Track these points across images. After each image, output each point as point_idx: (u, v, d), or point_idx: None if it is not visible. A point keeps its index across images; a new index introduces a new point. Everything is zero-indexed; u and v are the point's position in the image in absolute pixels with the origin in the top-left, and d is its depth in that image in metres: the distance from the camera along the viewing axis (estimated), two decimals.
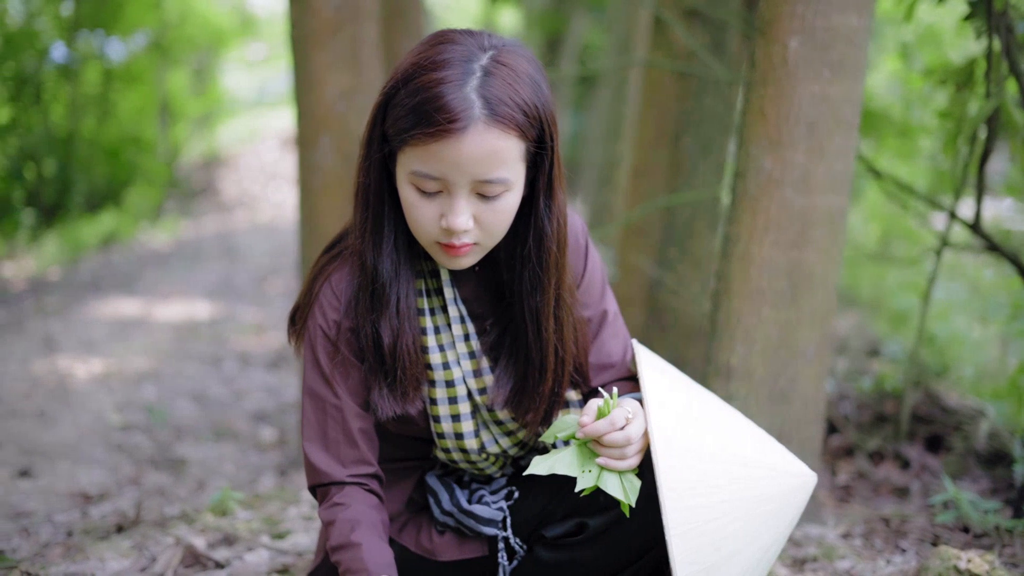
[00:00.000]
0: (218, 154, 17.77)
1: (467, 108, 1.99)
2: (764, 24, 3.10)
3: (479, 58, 2.04)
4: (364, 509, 2.26)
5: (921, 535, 3.27)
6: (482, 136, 2.00)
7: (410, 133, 2.02)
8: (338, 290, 2.27)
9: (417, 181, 2.06)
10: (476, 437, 2.32)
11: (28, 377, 6.34)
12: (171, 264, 11.40)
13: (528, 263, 2.22)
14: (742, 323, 3.16)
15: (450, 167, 2.02)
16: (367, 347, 2.24)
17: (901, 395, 4.30)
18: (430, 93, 2.00)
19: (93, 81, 13.86)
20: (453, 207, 2.06)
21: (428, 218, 2.09)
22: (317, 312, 2.28)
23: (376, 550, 2.21)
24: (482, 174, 2.03)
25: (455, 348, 2.29)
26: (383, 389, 2.24)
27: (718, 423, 2.18)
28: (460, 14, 19.99)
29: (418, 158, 2.03)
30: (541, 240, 2.20)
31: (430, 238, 2.12)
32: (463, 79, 2.01)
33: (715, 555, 2.01)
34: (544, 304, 2.24)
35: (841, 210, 3.15)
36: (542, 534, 2.31)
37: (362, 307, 2.22)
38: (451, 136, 1.99)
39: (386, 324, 2.21)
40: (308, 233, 4.60)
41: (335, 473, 2.28)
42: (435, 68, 2.02)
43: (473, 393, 2.30)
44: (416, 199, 2.08)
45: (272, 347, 7.67)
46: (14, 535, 3.75)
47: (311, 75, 4.45)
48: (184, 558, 3.11)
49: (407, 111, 2.02)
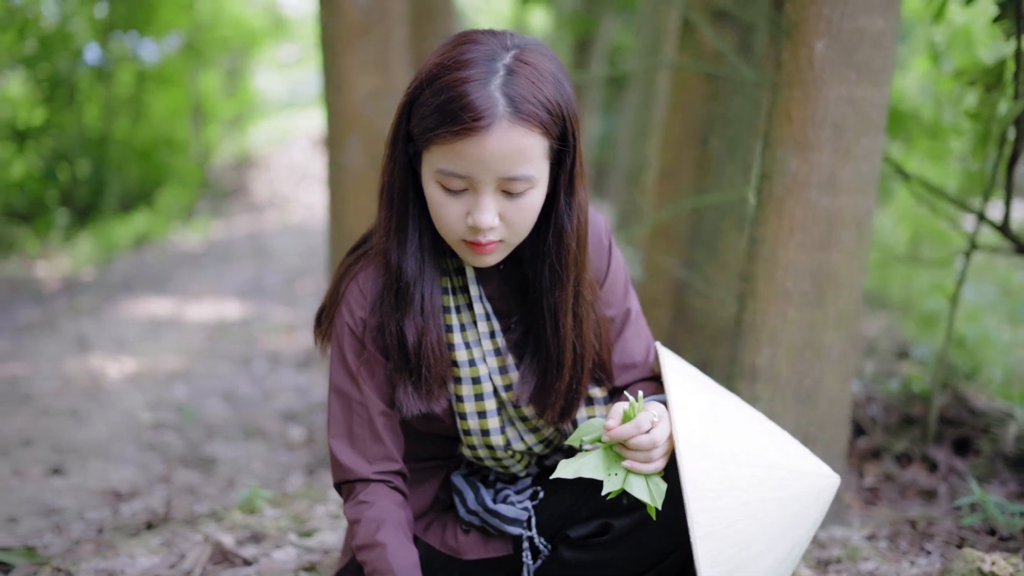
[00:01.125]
0: (249, 155, 17.86)
1: (492, 106, 2.02)
2: (790, 26, 3.10)
3: (502, 57, 2.07)
4: (389, 507, 2.29)
5: (947, 537, 3.27)
6: (506, 134, 2.03)
7: (435, 132, 2.04)
8: (364, 288, 2.29)
9: (443, 179, 2.08)
10: (502, 434, 2.34)
11: (61, 376, 6.40)
12: (202, 264, 11.47)
13: (547, 259, 2.24)
14: (767, 324, 3.16)
15: (475, 165, 2.04)
16: (391, 345, 2.26)
17: (929, 397, 4.29)
18: (455, 92, 2.02)
19: (126, 82, 13.97)
20: (479, 204, 2.08)
21: (454, 216, 2.11)
22: (344, 310, 2.30)
23: (401, 550, 2.23)
24: (507, 171, 2.06)
25: (480, 345, 2.31)
26: (408, 387, 2.27)
27: (741, 425, 2.19)
28: (491, 15, 20.02)
29: (444, 156, 2.06)
30: (560, 236, 2.22)
31: (456, 236, 2.14)
32: (487, 78, 2.04)
33: (739, 556, 2.02)
34: (562, 300, 2.26)
35: (867, 211, 3.16)
36: (567, 534, 2.33)
37: (387, 306, 2.25)
38: (476, 134, 2.02)
39: (410, 322, 2.23)
40: (337, 233, 4.64)
41: (360, 470, 2.31)
42: (459, 67, 2.04)
43: (499, 390, 2.32)
44: (442, 197, 2.10)
45: (302, 347, 7.70)
46: (46, 532, 3.79)
47: (340, 76, 4.49)
48: (212, 555, 3.14)
49: (432, 110, 2.05)
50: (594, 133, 13.27)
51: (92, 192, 13.21)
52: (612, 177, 9.92)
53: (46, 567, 3.11)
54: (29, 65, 12.16)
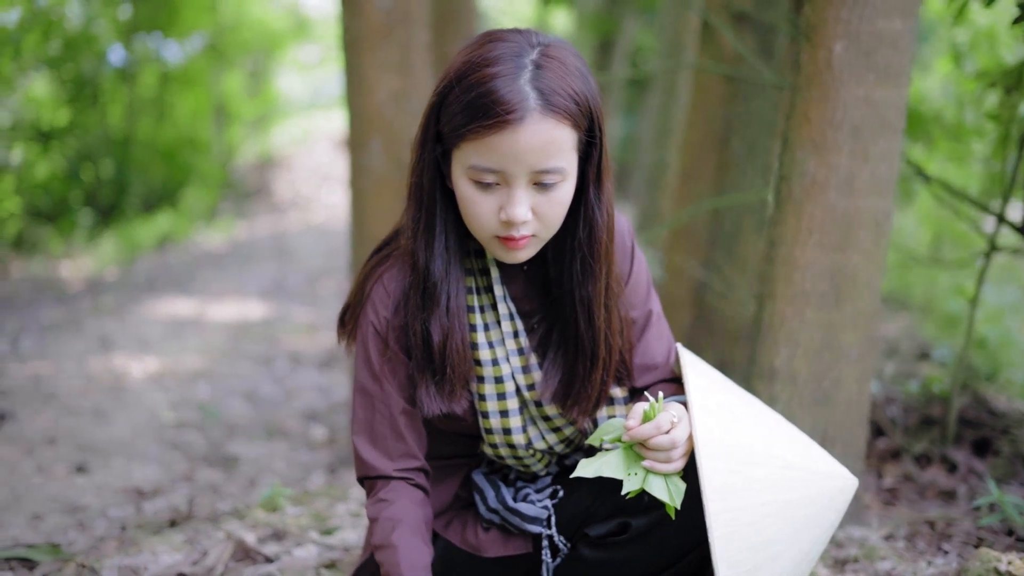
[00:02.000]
0: (272, 156, 17.93)
1: (523, 99, 2.04)
2: (809, 29, 3.12)
3: (529, 53, 2.10)
4: (407, 506, 2.31)
5: (965, 538, 3.28)
6: (538, 126, 2.05)
7: (468, 128, 2.07)
8: (389, 288, 2.32)
9: (475, 175, 2.10)
10: (524, 432, 2.37)
11: (84, 375, 6.45)
12: (225, 264, 11.53)
13: (579, 252, 2.26)
14: (786, 325, 3.18)
15: (508, 158, 2.07)
16: (416, 344, 2.28)
17: (948, 398, 4.30)
18: (485, 87, 2.05)
19: (150, 83, 14.04)
20: (512, 198, 2.10)
21: (487, 212, 2.13)
22: (369, 310, 2.33)
23: (414, 552, 2.25)
24: (539, 164, 2.08)
25: (504, 345, 2.34)
26: (430, 387, 2.29)
27: (760, 427, 2.20)
28: (513, 17, 20.04)
29: (476, 152, 2.08)
30: (592, 229, 2.25)
31: (488, 232, 2.16)
32: (516, 73, 2.06)
33: (757, 557, 2.04)
34: (596, 293, 2.28)
35: (885, 213, 3.16)
36: (586, 533, 2.35)
37: (412, 305, 2.27)
38: (508, 127, 2.04)
39: (436, 322, 2.25)
40: (358, 234, 4.67)
41: (382, 467, 2.34)
42: (488, 64, 2.07)
43: (522, 389, 2.35)
44: (474, 193, 2.13)
45: (323, 347, 7.74)
46: (70, 529, 3.84)
47: (362, 78, 4.51)
48: (235, 552, 3.17)
49: (463, 107, 2.07)
50: (616, 134, 13.29)
51: (115, 192, 13.28)
52: (633, 178, 9.94)
53: (71, 564, 3.14)
54: (53, 66, 12.22)
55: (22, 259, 11.10)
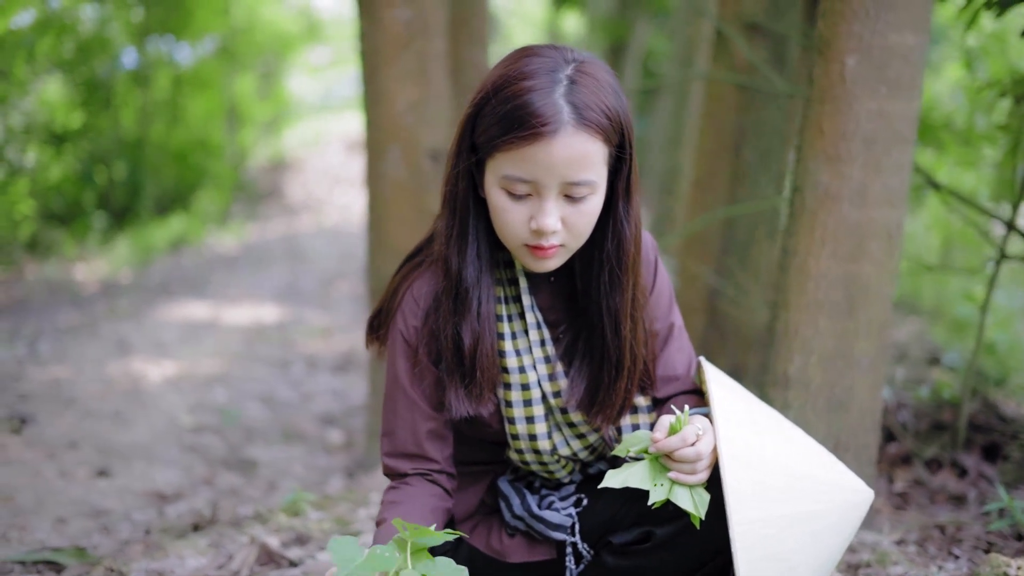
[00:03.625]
0: (284, 158, 17.96)
1: (557, 113, 2.10)
2: (822, 43, 3.17)
3: (564, 68, 2.16)
4: (413, 492, 2.37)
5: (975, 542, 3.31)
6: (571, 139, 2.11)
7: (502, 139, 2.13)
8: (419, 296, 2.38)
9: (508, 185, 2.17)
10: (549, 439, 2.42)
11: (102, 378, 6.50)
12: (238, 267, 11.57)
13: (607, 264, 2.32)
14: (800, 334, 3.23)
15: (541, 169, 2.13)
16: (446, 348, 2.33)
17: (959, 404, 4.33)
18: (521, 100, 2.11)
19: (162, 86, 14.07)
20: (543, 208, 2.16)
21: (518, 221, 2.19)
22: (399, 318, 2.39)
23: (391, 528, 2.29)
24: (571, 176, 2.14)
25: (531, 353, 2.39)
26: (459, 390, 2.34)
27: (782, 439, 2.25)
28: (524, 19, 20.09)
29: (510, 162, 2.15)
30: (620, 242, 2.31)
31: (519, 241, 2.22)
32: (551, 87, 2.13)
33: (777, 567, 2.08)
34: (623, 303, 2.34)
35: (897, 224, 3.21)
36: (609, 540, 2.39)
37: (444, 310, 2.32)
38: (543, 139, 2.10)
39: (467, 327, 2.31)
40: (376, 240, 4.72)
41: (400, 467, 2.41)
42: (524, 78, 2.13)
43: (547, 396, 2.40)
44: (506, 203, 2.19)
45: (339, 350, 7.79)
46: (94, 532, 3.89)
47: (380, 87, 4.56)
48: (259, 556, 3.22)
49: (498, 118, 2.14)
50: None
51: (128, 195, 13.32)
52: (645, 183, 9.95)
53: (99, 567, 3.20)
54: (67, 69, 12.27)
55: (36, 261, 11.14)
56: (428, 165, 4.60)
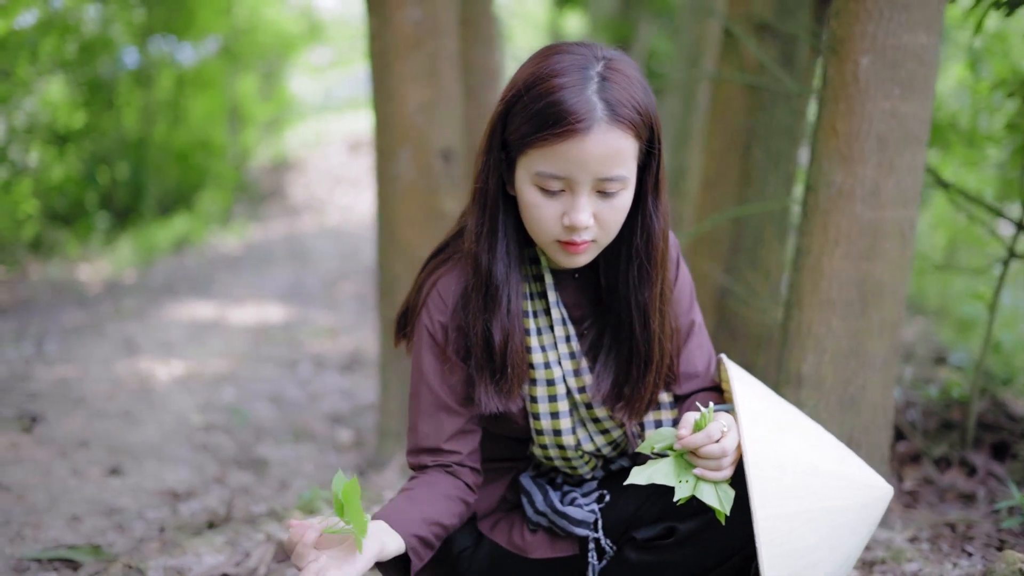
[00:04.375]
0: (285, 158, 17.97)
1: (591, 109, 2.13)
2: (836, 43, 3.18)
3: (594, 65, 2.19)
4: (428, 481, 2.39)
5: (986, 540, 3.33)
6: (605, 135, 2.14)
7: (536, 136, 2.16)
8: (445, 293, 2.40)
9: (541, 181, 2.19)
10: (573, 434, 2.44)
11: (111, 378, 6.51)
12: (242, 267, 11.59)
13: (636, 259, 2.35)
14: (813, 333, 3.25)
15: (575, 166, 2.15)
16: (476, 345, 2.35)
17: (968, 403, 4.35)
18: (554, 97, 2.14)
19: (165, 86, 14.08)
20: (576, 204, 2.19)
21: (550, 217, 2.22)
22: (424, 315, 2.41)
23: (392, 506, 2.31)
24: (604, 172, 2.17)
25: (556, 349, 2.41)
26: (489, 386, 2.36)
27: (803, 436, 2.27)
28: (526, 20, 20.09)
29: (543, 159, 2.17)
30: (650, 237, 2.34)
31: (550, 237, 2.25)
32: (584, 84, 2.15)
33: (800, 562, 2.11)
34: (652, 298, 2.37)
35: (910, 223, 3.23)
36: (632, 536, 2.41)
37: (474, 307, 2.34)
38: (577, 136, 2.13)
39: (498, 324, 2.33)
40: (387, 241, 4.73)
41: (422, 460, 2.43)
42: (556, 75, 2.16)
43: (572, 391, 2.42)
44: (539, 199, 2.21)
45: (345, 350, 7.81)
46: (108, 530, 3.91)
47: (391, 87, 4.57)
48: (276, 553, 3.24)
49: (531, 116, 2.16)
50: None
51: (131, 195, 13.33)
52: None
53: (117, 564, 3.22)
54: (69, 69, 12.28)
55: (40, 261, 11.16)
56: (439, 165, 4.62)
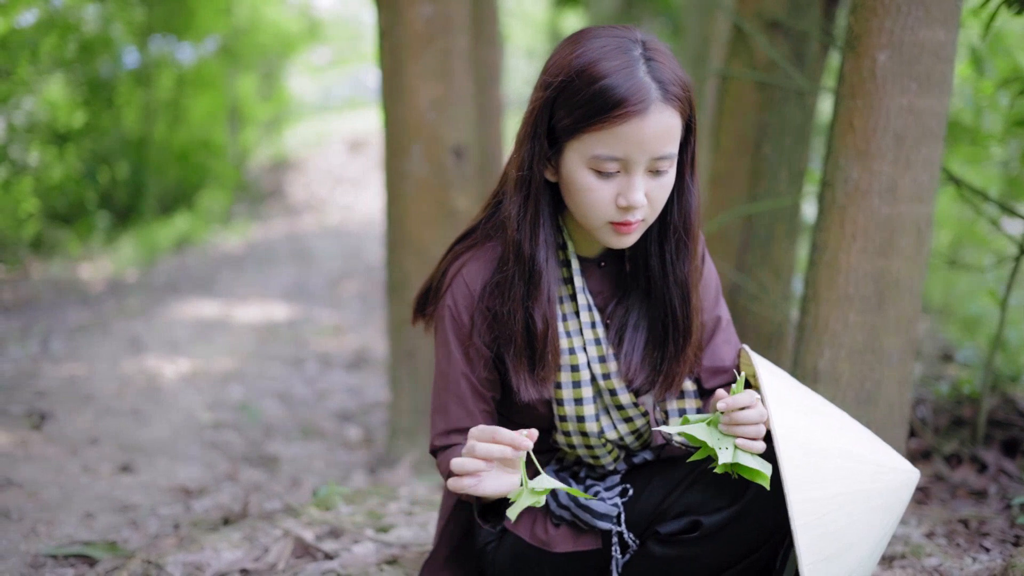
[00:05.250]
0: (285, 158, 17.97)
1: (647, 91, 2.17)
2: (853, 38, 3.19)
3: (635, 48, 2.22)
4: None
5: (1001, 536, 3.34)
6: (660, 115, 2.18)
7: (593, 120, 2.18)
8: (471, 279, 2.41)
9: (598, 164, 2.21)
10: (596, 421, 2.44)
11: (118, 376, 6.51)
12: (245, 266, 11.59)
13: (676, 235, 2.39)
14: (829, 328, 3.25)
15: (633, 147, 2.18)
16: (517, 332, 2.36)
17: (978, 399, 4.35)
18: (609, 81, 2.16)
19: (165, 86, 14.08)
20: (632, 184, 2.22)
21: (605, 200, 2.23)
22: (449, 299, 2.43)
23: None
24: (658, 151, 2.20)
25: (582, 335, 2.42)
26: (526, 374, 2.38)
27: (830, 421, 2.29)
28: (524, 20, 20.10)
29: (600, 142, 2.19)
30: (688, 211, 2.38)
31: (604, 219, 2.26)
32: (634, 65, 2.18)
33: (834, 545, 2.12)
34: (691, 272, 2.41)
35: (927, 219, 3.23)
36: (656, 530, 2.41)
37: (515, 294, 2.35)
38: (635, 117, 2.16)
39: (539, 311, 2.35)
40: (398, 238, 4.73)
41: (452, 440, 2.46)
42: (604, 59, 2.19)
43: (597, 378, 2.43)
44: (594, 182, 2.23)
45: (351, 348, 7.82)
46: (123, 527, 3.91)
47: (403, 85, 4.57)
48: (294, 549, 3.24)
49: (585, 101, 2.18)
50: None
51: (131, 194, 13.33)
52: None
53: (135, 560, 3.22)
54: (70, 69, 12.28)
55: (41, 261, 11.16)
56: (451, 162, 4.62)
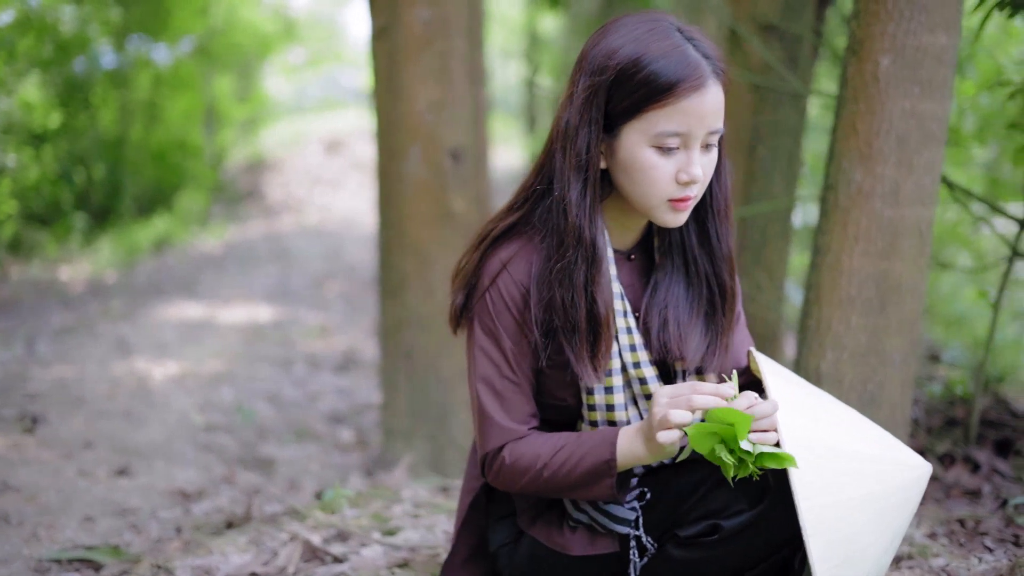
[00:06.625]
0: (262, 158, 17.92)
1: (702, 66, 2.23)
2: (856, 43, 3.21)
3: (673, 29, 2.28)
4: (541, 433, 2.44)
5: (999, 536, 3.36)
6: (714, 89, 2.24)
7: (658, 96, 2.21)
8: (517, 272, 2.40)
9: (661, 140, 2.24)
10: (625, 410, 2.43)
11: (108, 378, 6.50)
12: (226, 268, 11.56)
13: (719, 208, 2.44)
14: (832, 330, 3.27)
15: (695, 120, 2.23)
16: (580, 318, 2.35)
17: (970, 400, 4.39)
18: (669, 59, 2.22)
19: (142, 86, 14.03)
20: (692, 159, 2.26)
21: (666, 177, 2.27)
22: (495, 296, 2.41)
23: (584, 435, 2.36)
24: (713, 124, 2.26)
25: (614, 323, 2.43)
26: (587, 359, 2.37)
27: (839, 421, 2.30)
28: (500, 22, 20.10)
29: (665, 118, 2.22)
30: (727, 187, 2.45)
31: (664, 196, 2.29)
32: (684, 44, 2.24)
33: (847, 548, 2.12)
34: (733, 246, 2.49)
35: (928, 222, 3.26)
36: (675, 533, 2.41)
37: (577, 280, 2.34)
38: (697, 92, 2.21)
39: (600, 295, 2.35)
40: (395, 240, 4.75)
41: (517, 430, 2.43)
42: (656, 40, 2.24)
43: (628, 367, 2.43)
44: (657, 160, 2.26)
45: (338, 349, 7.83)
46: (124, 531, 3.91)
47: (401, 87, 4.59)
48: (303, 552, 3.24)
49: (647, 79, 2.22)
50: None
51: (108, 195, 13.26)
52: None
53: (143, 564, 3.22)
54: (46, 69, 12.21)
55: (19, 262, 11.10)
56: (448, 164, 4.64)
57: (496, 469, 2.43)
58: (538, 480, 2.37)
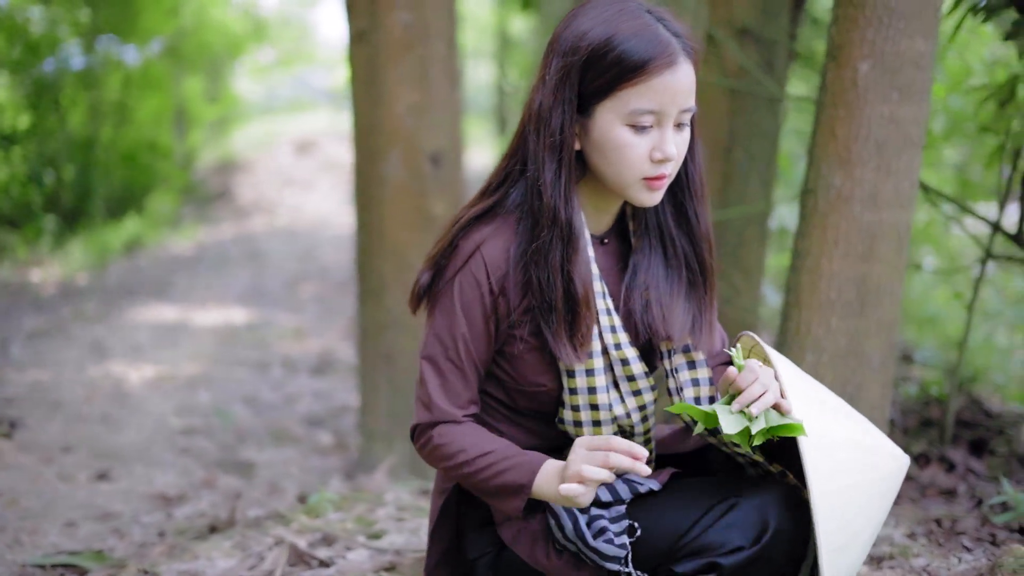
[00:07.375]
0: (233, 159, 17.86)
1: (673, 44, 2.25)
2: (835, 49, 3.25)
3: (643, 9, 2.30)
4: (474, 425, 2.44)
5: (976, 535, 3.40)
6: (686, 67, 2.26)
7: (631, 74, 2.23)
8: (491, 255, 2.39)
9: (634, 119, 2.25)
10: (607, 392, 2.43)
11: (85, 382, 6.49)
12: (198, 269, 11.52)
13: (694, 187, 2.46)
14: (812, 333, 3.31)
15: (668, 97, 2.24)
16: (557, 298, 2.35)
17: (945, 400, 4.44)
18: (640, 38, 2.24)
19: (111, 87, 13.96)
20: (666, 137, 2.27)
21: (641, 156, 2.28)
22: (467, 276, 2.40)
23: (506, 441, 2.38)
24: (686, 102, 2.28)
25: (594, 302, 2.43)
26: (566, 339, 2.37)
27: (837, 409, 2.34)
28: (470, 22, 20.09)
29: (639, 96, 2.24)
30: (700, 166, 2.47)
31: (639, 175, 2.30)
32: (653, 24, 2.26)
33: (844, 534, 2.17)
34: (711, 224, 2.51)
35: (906, 225, 3.30)
36: (672, 568, 2.33)
37: (553, 260, 2.34)
38: (668, 69, 2.23)
39: (578, 273, 2.36)
40: (374, 243, 4.76)
41: (451, 413, 2.42)
42: (627, 21, 2.26)
43: (608, 348, 2.42)
44: (631, 138, 2.27)
45: (314, 351, 7.82)
46: (107, 535, 3.91)
47: (380, 90, 4.60)
48: (289, 557, 3.25)
49: (619, 57, 2.24)
50: None
51: (78, 197, 13.18)
52: None
53: (129, 569, 3.22)
54: (15, 70, 12.15)
55: None
56: (428, 168, 4.66)
57: (422, 443, 2.47)
58: (457, 472, 2.40)
